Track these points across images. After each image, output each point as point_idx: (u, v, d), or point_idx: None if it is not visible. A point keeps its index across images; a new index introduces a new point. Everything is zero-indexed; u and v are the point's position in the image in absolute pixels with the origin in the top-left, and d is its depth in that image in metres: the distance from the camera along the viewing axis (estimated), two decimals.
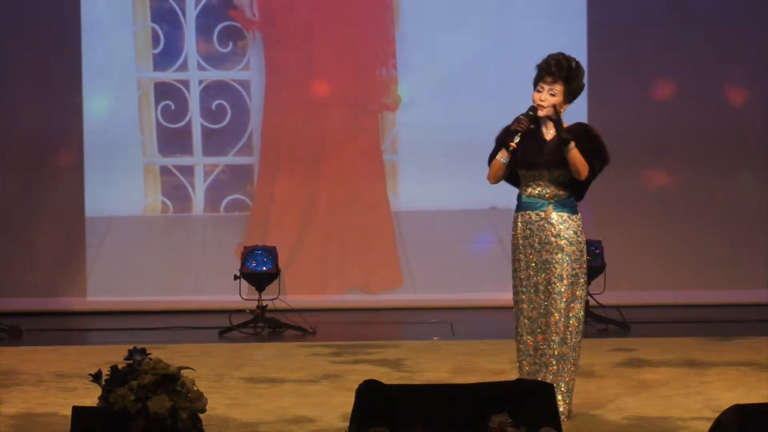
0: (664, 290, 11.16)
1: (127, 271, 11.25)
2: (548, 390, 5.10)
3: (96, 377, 5.01)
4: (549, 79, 6.34)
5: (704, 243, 11.24)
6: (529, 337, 6.40)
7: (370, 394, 5.00)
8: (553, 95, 6.34)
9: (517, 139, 6.28)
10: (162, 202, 11.34)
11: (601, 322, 9.95)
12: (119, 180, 11.30)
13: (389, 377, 7.79)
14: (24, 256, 11.18)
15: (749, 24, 11.21)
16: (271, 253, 10.22)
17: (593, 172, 6.43)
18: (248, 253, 10.21)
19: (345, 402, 6.28)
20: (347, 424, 5.10)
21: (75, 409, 5.03)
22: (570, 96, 6.38)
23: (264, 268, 10.17)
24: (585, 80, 6.49)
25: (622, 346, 8.95)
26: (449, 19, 11.26)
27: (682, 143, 11.24)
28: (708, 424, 5.14)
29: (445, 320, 10.30)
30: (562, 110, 6.39)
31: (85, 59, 11.21)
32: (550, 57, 6.39)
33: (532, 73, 6.46)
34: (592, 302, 10.00)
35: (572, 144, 6.29)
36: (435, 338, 9.50)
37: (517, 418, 4.86)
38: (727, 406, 5.00)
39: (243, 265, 10.18)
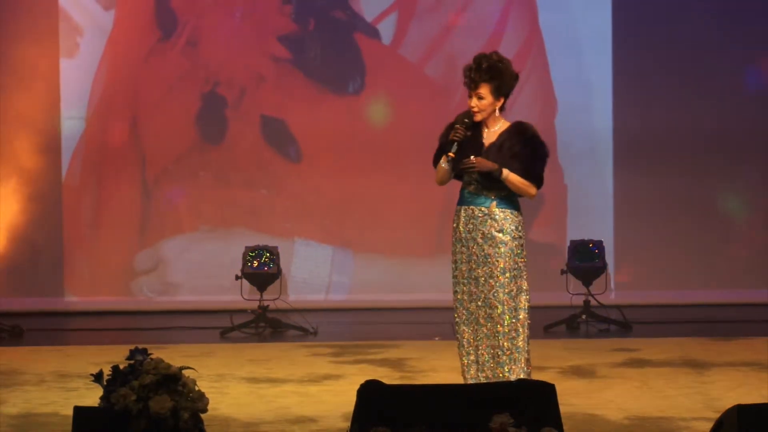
0: (666, 290, 11.16)
1: (128, 271, 11.25)
2: (550, 390, 5.09)
3: (97, 377, 5.01)
4: (473, 85, 6.44)
5: (706, 243, 11.24)
6: (465, 327, 6.44)
7: (371, 394, 5.00)
8: (481, 99, 6.43)
9: (454, 148, 6.36)
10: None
11: (603, 322, 9.95)
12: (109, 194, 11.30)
13: (390, 377, 7.80)
14: (25, 257, 11.19)
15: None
16: (272, 253, 10.22)
17: (538, 178, 6.45)
18: (250, 254, 10.21)
19: (346, 402, 6.29)
20: (349, 424, 5.10)
21: (76, 409, 5.02)
22: (499, 92, 6.46)
23: (265, 269, 10.18)
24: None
25: (624, 346, 8.95)
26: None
27: (685, 144, 11.24)
28: (709, 425, 5.14)
29: (446, 320, 10.28)
30: (496, 107, 6.44)
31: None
32: (472, 62, 6.48)
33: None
34: (593, 302, 10.01)
35: (504, 172, 6.39)
36: (436, 338, 9.50)
37: (519, 418, 4.86)
38: (728, 407, 5.00)
39: (244, 265, 10.19)
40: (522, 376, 6.36)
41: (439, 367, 8.21)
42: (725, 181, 11.26)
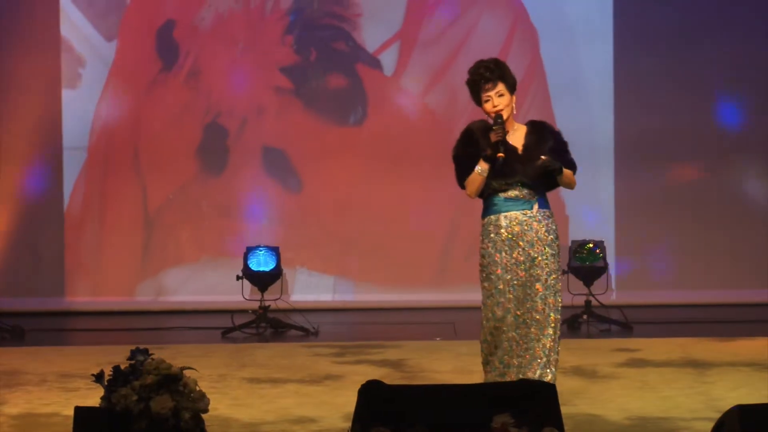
0: (667, 290, 11.16)
1: (130, 271, 11.25)
2: (551, 390, 5.09)
3: (98, 377, 5.01)
4: (489, 86, 6.41)
5: (707, 243, 11.24)
6: (513, 333, 6.38)
7: (372, 394, 5.00)
8: (501, 96, 6.42)
9: (502, 148, 6.32)
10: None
11: (604, 323, 9.95)
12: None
13: (391, 377, 7.80)
14: (27, 257, 11.19)
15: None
16: (273, 253, 10.22)
17: (576, 167, 6.50)
18: (251, 254, 10.22)
19: (347, 402, 6.29)
20: (349, 424, 5.10)
21: (77, 409, 5.02)
22: (512, 88, 6.47)
23: (266, 269, 10.18)
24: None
25: (625, 346, 8.95)
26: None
27: (686, 144, 11.25)
28: (710, 425, 5.13)
29: (447, 320, 10.29)
30: (513, 104, 6.45)
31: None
32: (477, 67, 6.46)
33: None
34: (594, 302, 10.01)
35: (561, 168, 6.37)
36: (437, 339, 9.50)
37: (520, 419, 4.86)
38: (729, 407, 4.99)
39: (245, 265, 10.19)
40: (554, 377, 6.35)
41: (440, 367, 8.21)
42: (727, 180, 11.26)
